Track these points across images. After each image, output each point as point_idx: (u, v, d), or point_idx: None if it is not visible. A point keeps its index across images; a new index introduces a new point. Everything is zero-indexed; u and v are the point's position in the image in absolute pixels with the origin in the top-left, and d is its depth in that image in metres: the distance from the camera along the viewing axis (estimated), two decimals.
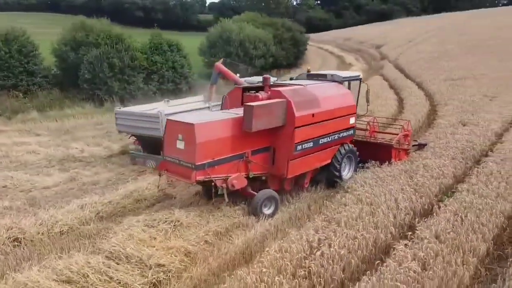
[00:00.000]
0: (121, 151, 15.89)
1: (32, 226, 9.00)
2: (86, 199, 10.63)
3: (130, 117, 13.71)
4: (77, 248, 8.08)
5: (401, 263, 6.69)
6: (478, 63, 29.54)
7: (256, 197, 9.69)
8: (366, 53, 46.15)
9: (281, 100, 9.92)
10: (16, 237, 8.60)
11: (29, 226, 8.91)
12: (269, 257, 6.98)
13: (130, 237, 7.99)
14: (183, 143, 9.06)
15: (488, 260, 7.32)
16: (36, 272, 6.76)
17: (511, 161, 11.74)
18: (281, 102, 9.88)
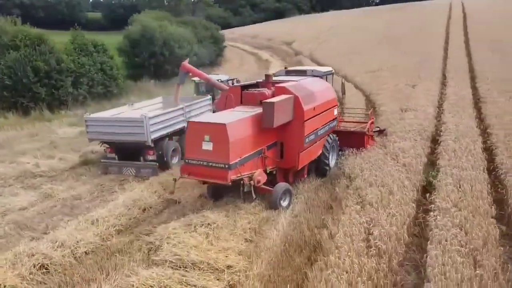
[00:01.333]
0: (82, 161, 14.64)
1: (52, 249, 8.07)
2: (93, 214, 9.79)
3: (106, 123, 12.76)
4: (118, 266, 7.57)
5: (446, 230, 7.67)
6: (386, 57, 33.11)
7: (275, 191, 9.98)
8: (278, 50, 48.26)
9: (290, 95, 10.33)
10: (42, 263, 7.65)
11: (50, 250, 7.97)
12: (337, 244, 7.39)
13: (182, 244, 7.73)
14: (211, 144, 8.96)
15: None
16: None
17: (463, 138, 13.75)
18: (290, 97, 10.29)
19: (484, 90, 20.49)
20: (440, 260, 6.56)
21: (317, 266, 6.98)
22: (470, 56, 29.49)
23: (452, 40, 36.21)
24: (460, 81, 23.28)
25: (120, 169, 13.16)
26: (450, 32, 39.94)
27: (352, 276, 6.41)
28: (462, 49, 32.58)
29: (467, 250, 6.94)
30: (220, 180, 9.02)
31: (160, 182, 12.17)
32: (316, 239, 8.31)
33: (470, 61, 28.02)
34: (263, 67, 37.09)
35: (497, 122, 15.27)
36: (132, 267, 7.19)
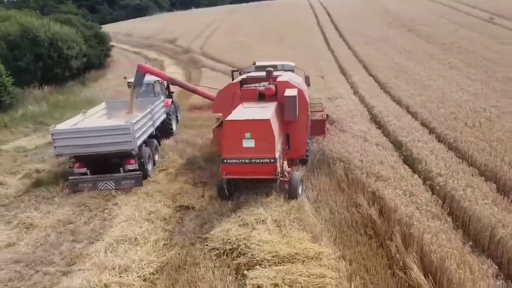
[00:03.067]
0: (35, 182, 12.60)
1: (118, 276, 7.15)
2: (115, 234, 8.82)
3: (81, 134, 11.24)
4: (197, 277, 7.21)
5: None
6: (280, 51, 35.35)
7: (294, 181, 10.43)
8: (163, 48, 46.89)
9: (295, 89, 10.83)
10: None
11: (117, 278, 7.06)
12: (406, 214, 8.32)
13: (262, 242, 7.71)
14: (253, 140, 8.94)
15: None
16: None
17: (399, 117, 16.18)
18: (300, 90, 10.79)
19: (383, 76, 23.94)
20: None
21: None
22: (352, 49, 33.65)
23: (329, 35, 40.55)
24: (357, 70, 26.62)
25: (95, 184, 11.78)
26: (323, 28, 44.56)
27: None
28: (341, 42, 36.89)
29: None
30: (267, 175, 9.11)
31: (152, 192, 11.38)
32: (364, 216, 9.12)
33: (355, 53, 32.02)
34: (159, 69, 35.85)
35: (412, 102, 18.25)
36: (224, 275, 6.94)
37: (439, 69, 24.48)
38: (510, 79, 21.08)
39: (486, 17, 38.11)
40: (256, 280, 6.58)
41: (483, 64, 24.77)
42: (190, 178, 12.42)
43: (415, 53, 29.34)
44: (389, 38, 35.61)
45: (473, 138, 13.09)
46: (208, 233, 8.76)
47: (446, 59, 26.75)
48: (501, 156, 11.39)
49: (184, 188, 11.56)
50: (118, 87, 27.70)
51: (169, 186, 11.95)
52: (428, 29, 36.79)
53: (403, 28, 38.84)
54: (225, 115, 11.25)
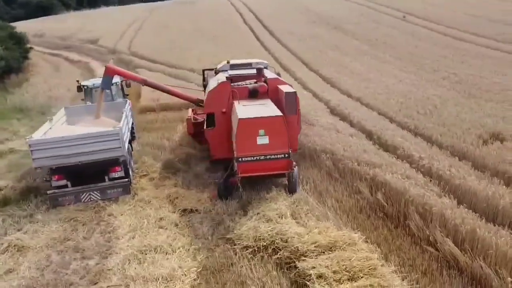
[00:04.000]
0: (8, 198, 11.33)
1: (160, 286, 6.84)
2: (135, 245, 8.43)
3: (64, 144, 10.29)
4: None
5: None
6: (220, 51, 35.12)
7: (294, 175, 10.73)
8: (84, 49, 43.67)
9: (286, 85, 11.14)
10: None
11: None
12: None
13: (298, 235, 7.91)
14: (267, 137, 9.05)
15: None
16: None
17: (360, 109, 17.33)
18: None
19: (325, 72, 25.23)
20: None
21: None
22: (286, 47, 34.75)
23: (260, 34, 41.28)
24: (299, 67, 27.70)
25: (78, 196, 10.92)
26: (252, 27, 45.26)
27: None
28: (274, 41, 37.84)
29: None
30: (282, 170, 9.29)
31: (149, 198, 10.90)
32: (370, 201, 9.77)
33: (291, 51, 33.14)
34: (87, 72, 33.66)
35: (362, 94, 19.63)
36: (268, 271, 7.11)
37: (374, 64, 26.48)
38: (436, 70, 23.61)
39: (400, 15, 41.97)
40: (314, 270, 6.75)
41: (408, 58, 27.35)
42: (178, 181, 12.09)
43: (347, 50, 31.29)
44: (318, 35, 37.45)
45: (431, 124, 14.56)
46: (231, 233, 8.71)
47: (376, 54, 29.00)
48: (462, 138, 12.88)
49: (179, 192, 11.21)
50: (49, 93, 25.61)
51: (161, 191, 11.51)
52: (351, 26, 39.42)
53: (328, 26, 41.09)
54: (218, 114, 11.18)
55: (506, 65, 23.77)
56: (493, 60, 25.05)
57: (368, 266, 6.76)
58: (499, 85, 19.73)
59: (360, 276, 6.49)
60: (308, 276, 6.74)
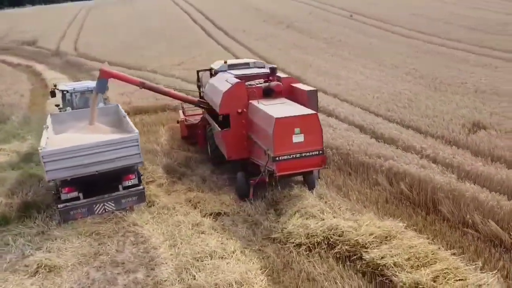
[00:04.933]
0: (7, 216, 10.35)
1: None
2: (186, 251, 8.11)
3: (82, 152, 9.58)
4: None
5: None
6: (171, 50, 34.51)
7: (314, 173, 10.98)
8: (22, 51, 40.50)
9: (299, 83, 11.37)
10: None
11: None
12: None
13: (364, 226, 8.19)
14: (302, 135, 9.18)
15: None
16: None
17: (342, 105, 18.00)
18: None
19: (293, 70, 25.66)
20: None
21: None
22: (246, 46, 34.83)
23: (214, 34, 40.94)
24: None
25: (91, 209, 10.24)
26: (204, 26, 44.76)
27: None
28: (231, 40, 37.73)
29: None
30: (317, 167, 9.47)
31: (173, 204, 10.56)
32: (393, 191, 10.30)
33: (251, 50, 33.30)
34: (34, 76, 31.41)
35: (336, 91, 20.41)
36: (331, 265, 7.37)
37: (337, 61, 27.54)
38: (396, 66, 25.16)
39: (346, 14, 43.91)
40: (386, 260, 7.02)
41: (367, 55, 28.75)
42: (192, 185, 11.84)
43: (306, 48, 32.17)
44: (274, 34, 38.05)
45: (415, 116, 15.57)
46: (276, 233, 8.76)
47: (336, 52, 30.17)
48: (449, 128, 13.94)
49: (199, 196, 10.97)
50: (6, 99, 23.62)
51: (177, 197, 11.19)
52: (304, 25, 40.54)
53: (281, 25, 41.89)
54: (233, 115, 11.07)
55: (455, 60, 25.94)
56: (442, 56, 27.20)
57: (431, 252, 7.16)
58: (457, 78, 21.50)
59: (430, 262, 6.87)
60: (381, 266, 6.99)
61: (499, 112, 15.51)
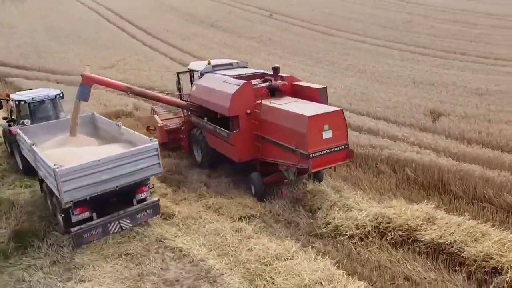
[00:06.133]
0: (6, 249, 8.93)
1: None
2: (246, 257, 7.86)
3: (102, 167, 8.58)
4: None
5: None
6: (93, 52, 32.04)
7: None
8: None
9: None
10: None
11: None
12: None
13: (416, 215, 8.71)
14: (331, 131, 9.48)
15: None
16: None
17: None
18: None
19: None
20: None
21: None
22: (175, 46, 33.87)
23: (135, 34, 38.89)
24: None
25: (105, 228, 9.30)
26: (123, 27, 42.17)
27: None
28: (156, 40, 36.28)
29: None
30: (344, 160, 9.83)
31: (192, 214, 10.06)
32: (399, 178, 11.19)
33: (181, 50, 32.53)
34: None
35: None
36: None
37: (274, 60, 28.11)
38: (333, 63, 26.84)
39: (266, 14, 45.12)
40: (446, 238, 7.66)
41: (301, 52, 30.13)
42: (202, 191, 11.43)
43: (238, 47, 32.47)
44: (200, 34, 37.61)
45: (378, 108, 16.94)
46: (320, 229, 9.00)
47: (270, 51, 30.99)
48: (415, 117, 15.49)
49: (218, 202, 10.61)
50: None
51: (192, 205, 10.71)
52: (227, 24, 40.73)
53: (204, 24, 41.54)
54: (242, 116, 10.90)
55: (381, 55, 28.53)
56: (369, 52, 29.68)
57: (479, 229, 7.99)
58: (391, 72, 23.78)
59: (483, 235, 7.70)
60: (443, 244, 7.63)
61: (445, 100, 17.65)
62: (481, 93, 18.30)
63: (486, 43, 30.33)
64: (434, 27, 35.73)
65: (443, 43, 30.65)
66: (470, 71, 23.20)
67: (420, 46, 30.39)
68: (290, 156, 9.81)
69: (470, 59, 26.34)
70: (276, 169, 11.18)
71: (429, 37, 32.89)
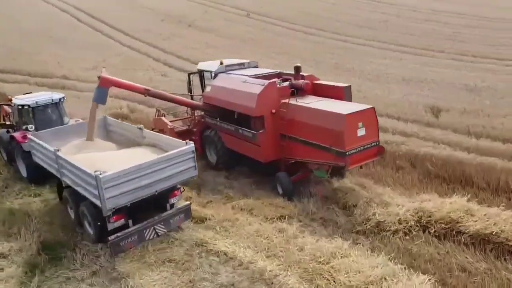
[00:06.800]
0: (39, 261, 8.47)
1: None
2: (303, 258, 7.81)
3: (142, 172, 8.28)
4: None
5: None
6: (68, 54, 30.78)
7: None
8: None
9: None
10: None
11: None
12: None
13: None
14: (364, 128, 9.63)
15: None
16: None
17: None
18: None
19: None
20: None
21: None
22: (157, 47, 33.09)
23: (114, 35, 37.64)
24: (190, 66, 27.22)
25: (141, 235, 9.01)
26: (98, 27, 40.70)
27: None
28: (135, 41, 35.24)
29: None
30: (376, 157, 10.01)
31: (227, 217, 9.88)
32: (420, 172, 11.52)
33: (164, 50, 31.86)
34: None
35: None
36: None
37: (263, 59, 28.11)
38: (320, 62, 27.10)
39: (242, 13, 45.00)
40: (491, 228, 7.95)
41: (283, 52, 30.17)
42: (228, 194, 11.33)
43: (221, 47, 32.11)
44: (179, 34, 36.98)
45: (379, 106, 16.95)
46: (359, 226, 9.16)
47: (255, 50, 30.79)
48: (416, 113, 15.96)
49: (248, 203, 10.51)
50: None
51: (220, 207, 10.56)
52: (205, 24, 40.25)
53: (182, 24, 40.81)
54: (267, 116, 10.86)
55: (364, 54, 29.08)
56: (351, 51, 30.22)
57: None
58: (378, 70, 24.35)
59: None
60: (489, 235, 7.92)
61: (439, 96, 18.27)
62: (471, 89, 19.09)
63: (460, 41, 31.66)
64: (409, 26, 36.89)
65: (420, 42, 31.68)
66: (453, 68, 24.14)
67: (400, 44, 31.30)
68: (324, 155, 9.85)
69: (450, 56, 27.42)
70: (301, 168, 11.26)
71: (406, 36, 33.93)
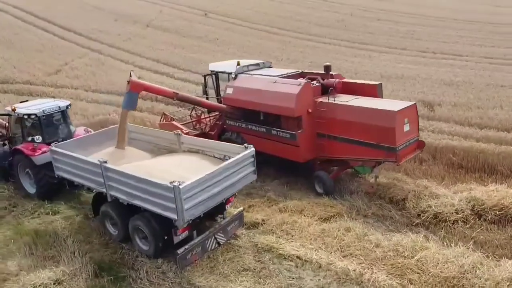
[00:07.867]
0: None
1: None
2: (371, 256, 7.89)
3: (214, 180, 7.84)
4: None
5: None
6: (25, 57, 28.34)
7: None
8: None
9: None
10: None
11: None
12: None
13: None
14: (409, 124, 9.96)
15: None
16: None
17: None
18: None
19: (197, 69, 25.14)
20: None
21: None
22: (119, 48, 31.47)
23: (70, 38, 35.05)
24: (163, 67, 26.35)
25: (204, 246, 8.61)
26: (53, 30, 37.62)
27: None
28: (93, 42, 33.22)
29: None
30: (415, 153, 10.38)
31: (286, 220, 9.68)
32: (446, 163, 12.14)
33: (133, 52, 30.40)
34: None
35: None
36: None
37: (229, 58, 27.85)
38: (293, 61, 27.39)
39: (199, 13, 44.27)
40: None
41: (253, 51, 30.14)
42: (266, 195, 11.10)
43: (191, 47, 31.45)
44: (139, 34, 35.52)
45: None
46: (416, 218, 9.41)
47: (226, 51, 30.45)
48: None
49: (297, 204, 10.38)
50: None
51: (265, 210, 10.37)
52: (165, 24, 39.05)
53: (140, 24, 39.29)
54: (305, 116, 10.82)
55: (333, 52, 30.03)
56: (320, 49, 31.02)
57: None
58: (355, 68, 25.17)
59: None
60: None
61: (424, 91, 19.32)
62: (449, 84, 20.41)
63: (416, 39, 33.75)
64: (366, 25, 38.61)
65: (381, 40, 33.33)
66: (422, 65, 25.67)
67: (363, 43, 32.68)
68: (372, 152, 10.01)
69: (413, 53, 29.12)
70: (336, 166, 11.41)
71: (366, 34, 35.50)
